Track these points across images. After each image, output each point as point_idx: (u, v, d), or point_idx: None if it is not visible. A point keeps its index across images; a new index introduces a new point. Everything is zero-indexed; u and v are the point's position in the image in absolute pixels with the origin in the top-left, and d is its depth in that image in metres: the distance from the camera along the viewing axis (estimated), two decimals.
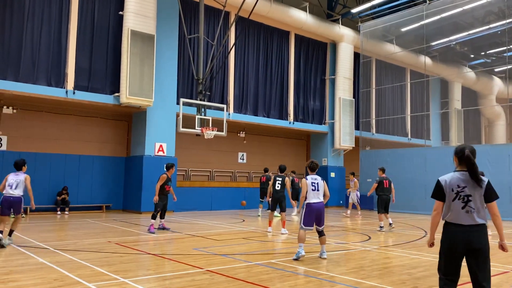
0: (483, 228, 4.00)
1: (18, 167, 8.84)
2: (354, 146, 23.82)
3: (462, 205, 4.00)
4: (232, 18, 19.55)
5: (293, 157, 24.46)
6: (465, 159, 4.07)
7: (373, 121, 25.80)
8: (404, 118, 28.27)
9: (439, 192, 4.11)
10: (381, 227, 12.57)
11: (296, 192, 16.21)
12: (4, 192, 8.62)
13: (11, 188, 8.56)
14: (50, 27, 15.29)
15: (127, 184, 17.79)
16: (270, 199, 12.77)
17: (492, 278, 6.01)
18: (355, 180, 18.16)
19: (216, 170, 21.01)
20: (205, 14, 18.11)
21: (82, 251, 8.06)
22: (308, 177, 7.86)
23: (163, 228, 11.64)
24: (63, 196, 16.14)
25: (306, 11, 21.96)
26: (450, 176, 4.12)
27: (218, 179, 20.89)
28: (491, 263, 4.05)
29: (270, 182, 12.70)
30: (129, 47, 15.80)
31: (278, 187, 11.80)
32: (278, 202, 11.76)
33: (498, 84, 32.90)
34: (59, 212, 15.92)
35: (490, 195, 4.02)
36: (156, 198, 11.15)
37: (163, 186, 11.24)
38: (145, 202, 16.30)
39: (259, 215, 16.38)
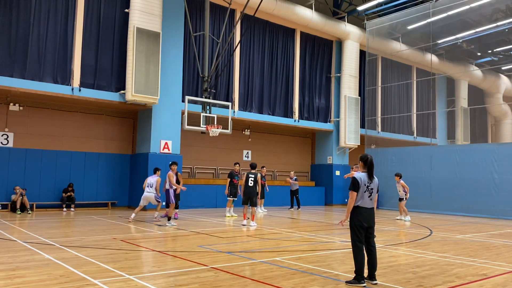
0: (374, 210, 6.09)
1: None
2: (359, 144, 23.75)
3: (368, 194, 5.90)
4: (238, 15, 19.54)
5: (298, 155, 24.46)
6: (368, 163, 5.97)
7: (379, 119, 25.70)
8: (410, 116, 28.14)
9: (357, 186, 5.86)
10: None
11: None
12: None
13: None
14: (56, 24, 15.35)
15: (133, 181, 17.84)
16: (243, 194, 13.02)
17: (497, 278, 6.12)
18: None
19: (221, 168, 21.03)
20: (211, 12, 18.11)
21: (88, 248, 8.10)
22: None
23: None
24: (69, 193, 16.22)
25: (312, 9, 21.89)
26: (362, 175, 5.94)
27: (223, 177, 20.87)
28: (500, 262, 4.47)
29: (243, 179, 13.13)
30: (135, 44, 15.84)
31: (251, 183, 12.76)
32: (250, 197, 12.73)
33: (505, 82, 32.67)
34: (65, 209, 16.00)
35: (378, 188, 6.12)
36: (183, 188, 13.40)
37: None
38: None
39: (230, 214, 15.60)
